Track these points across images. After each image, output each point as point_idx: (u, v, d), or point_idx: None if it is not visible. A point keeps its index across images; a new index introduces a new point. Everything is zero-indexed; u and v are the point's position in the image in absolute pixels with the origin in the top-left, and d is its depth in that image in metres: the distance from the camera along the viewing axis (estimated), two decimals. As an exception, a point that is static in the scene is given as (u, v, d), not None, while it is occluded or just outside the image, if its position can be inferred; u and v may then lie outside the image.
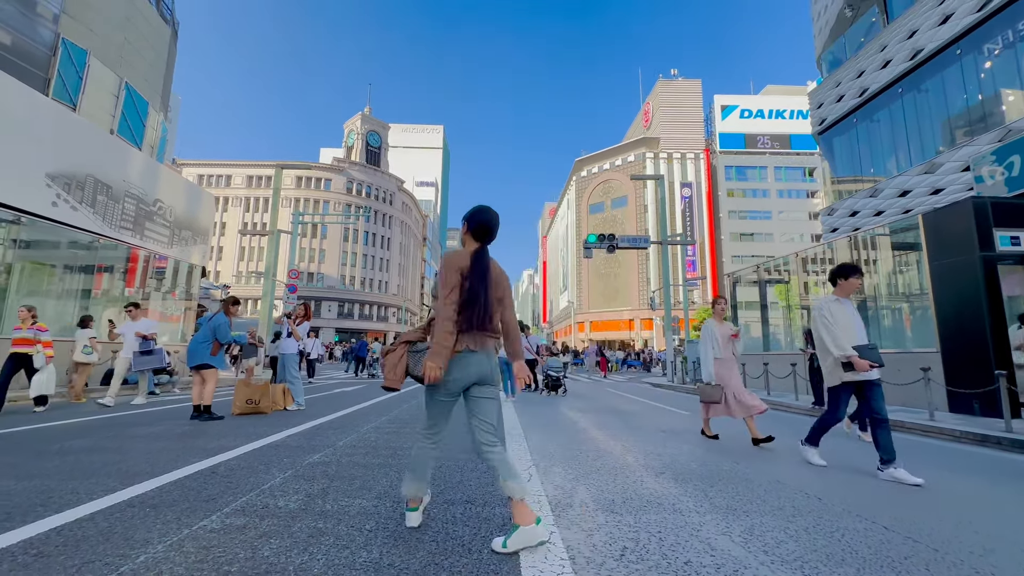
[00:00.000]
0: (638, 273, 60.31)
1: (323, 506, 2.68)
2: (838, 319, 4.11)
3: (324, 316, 55.04)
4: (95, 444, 4.37)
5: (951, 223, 8.33)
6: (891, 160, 17.17)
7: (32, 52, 20.75)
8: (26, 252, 10.95)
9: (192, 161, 59.59)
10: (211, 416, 6.06)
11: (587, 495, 3.09)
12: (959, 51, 14.31)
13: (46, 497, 2.73)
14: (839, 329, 4.06)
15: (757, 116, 62.27)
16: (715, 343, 5.33)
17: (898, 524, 2.63)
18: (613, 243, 18.33)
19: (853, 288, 4.28)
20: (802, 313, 14.01)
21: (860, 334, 4.12)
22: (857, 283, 4.27)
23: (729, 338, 5.36)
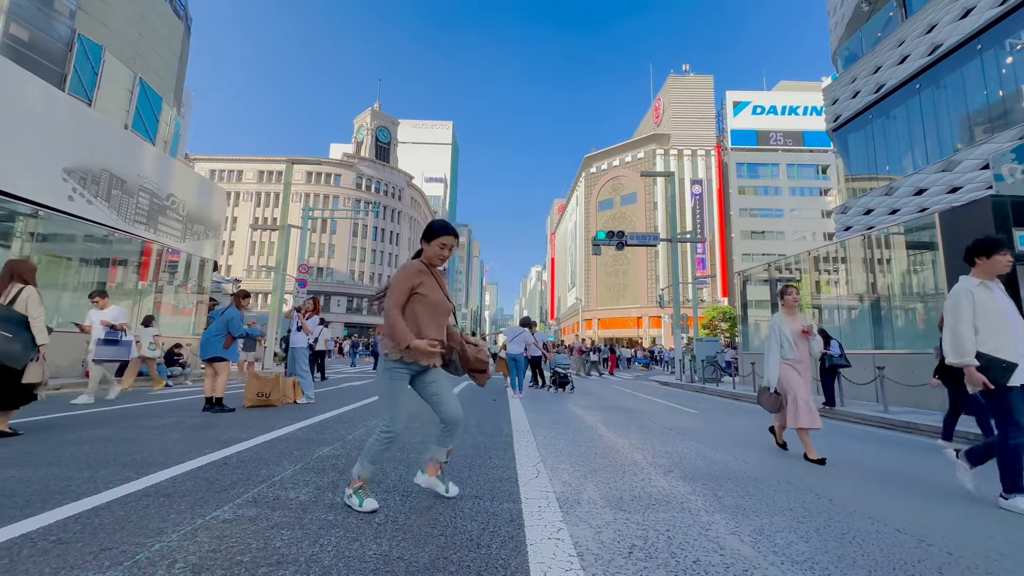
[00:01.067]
0: (647, 270, 59.98)
1: (333, 498, 2.71)
2: (987, 309, 3.06)
3: (333, 311, 55.46)
4: (111, 434, 4.45)
5: (969, 222, 8.18)
6: (907, 157, 16.87)
7: (49, 48, 21.07)
8: (43, 245, 11.16)
9: (204, 156, 60.21)
10: (223, 408, 6.14)
11: (595, 492, 3.09)
12: (979, 46, 14.00)
13: (64, 485, 2.79)
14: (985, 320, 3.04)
15: (770, 112, 61.41)
16: (785, 341, 4.49)
17: (911, 527, 2.60)
18: (622, 240, 18.24)
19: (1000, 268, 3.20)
20: (814, 312, 13.86)
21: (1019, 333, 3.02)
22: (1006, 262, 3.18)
23: (801, 335, 4.51)
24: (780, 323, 4.56)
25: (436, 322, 2.60)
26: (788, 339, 4.47)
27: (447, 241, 2.57)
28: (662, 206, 59.36)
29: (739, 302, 17.28)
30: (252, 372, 7.10)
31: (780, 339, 4.50)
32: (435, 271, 2.63)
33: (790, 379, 4.43)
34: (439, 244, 2.57)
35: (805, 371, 4.47)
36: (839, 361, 8.53)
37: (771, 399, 4.49)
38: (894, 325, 10.94)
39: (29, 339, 4.30)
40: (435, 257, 2.59)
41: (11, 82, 9.96)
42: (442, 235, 2.57)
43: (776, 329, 4.54)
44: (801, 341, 4.50)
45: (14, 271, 4.48)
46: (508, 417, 6.49)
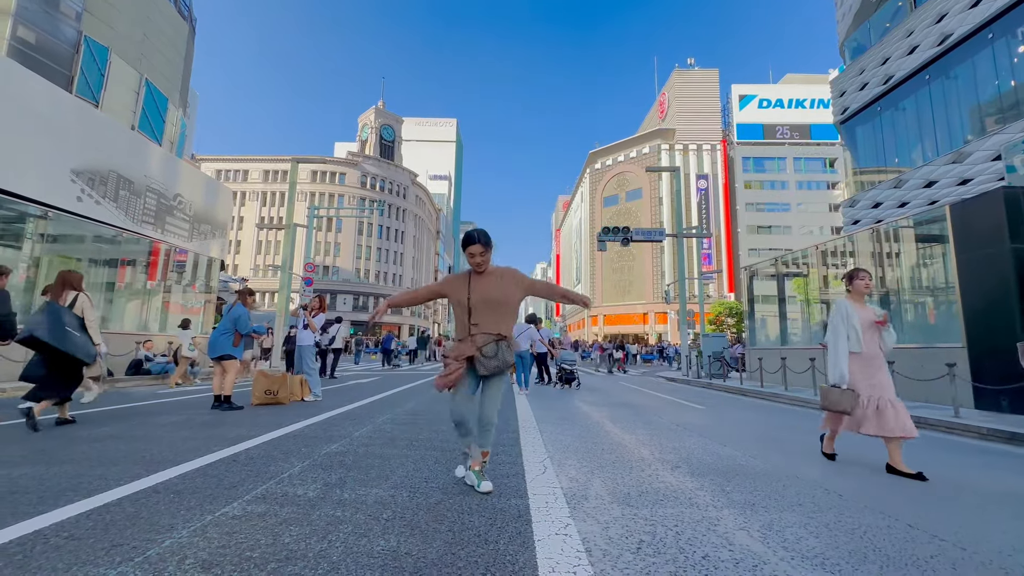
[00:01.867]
0: (652, 266, 59.73)
1: (341, 495, 2.72)
2: None
3: (339, 309, 55.71)
4: (121, 432, 4.49)
5: (980, 214, 8.06)
6: (916, 150, 16.66)
7: (56, 50, 21.25)
8: (53, 246, 11.27)
9: (210, 156, 60.56)
10: (231, 406, 6.19)
11: (602, 488, 3.08)
12: (991, 35, 13.77)
13: (76, 482, 2.82)
14: None
15: (776, 106, 60.82)
16: (853, 332, 3.91)
17: (923, 522, 2.57)
18: (627, 236, 18.17)
19: None
20: (821, 307, 13.74)
21: None
22: None
23: (873, 324, 3.93)
24: (848, 310, 3.92)
25: (462, 320, 2.96)
26: (856, 329, 3.88)
27: (472, 250, 2.90)
28: (667, 201, 59.03)
29: (745, 297, 17.16)
30: (260, 370, 7.15)
31: (848, 328, 3.89)
32: (476, 275, 2.98)
33: (859, 377, 3.86)
34: (468, 254, 2.94)
35: (881, 366, 3.89)
36: (848, 356, 8.45)
37: (845, 397, 3.81)
38: (904, 319, 10.83)
39: (88, 339, 4.88)
40: (472, 264, 2.97)
41: (19, 85, 10.05)
42: (466, 247, 2.93)
43: (844, 317, 3.92)
44: (871, 333, 3.91)
45: (66, 280, 5.00)
46: (514, 413, 6.49)
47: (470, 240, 2.90)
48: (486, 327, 2.88)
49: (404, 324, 61.70)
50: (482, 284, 2.93)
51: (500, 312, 2.93)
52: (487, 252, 2.92)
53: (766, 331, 16.54)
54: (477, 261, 2.91)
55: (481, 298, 2.89)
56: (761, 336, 16.51)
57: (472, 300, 2.88)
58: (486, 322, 2.89)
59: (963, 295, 8.17)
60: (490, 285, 2.93)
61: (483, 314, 2.89)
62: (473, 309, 2.88)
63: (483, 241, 2.90)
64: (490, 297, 2.90)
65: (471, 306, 2.88)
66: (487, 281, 2.94)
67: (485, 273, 2.96)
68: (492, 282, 2.94)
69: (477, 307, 2.88)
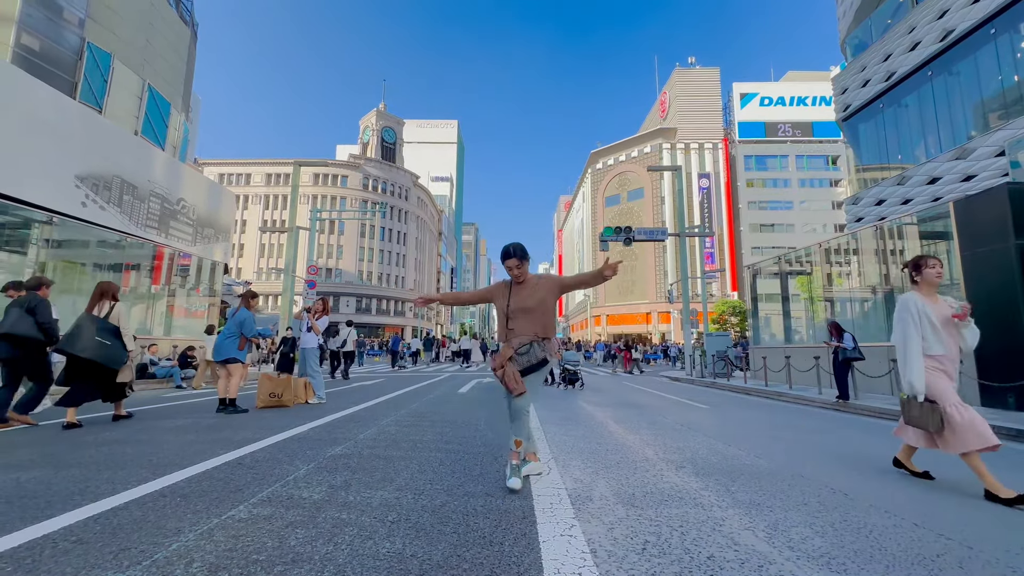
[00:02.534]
0: (655, 266, 59.62)
1: (346, 497, 2.73)
2: None
3: (342, 311, 55.82)
4: (127, 436, 4.52)
5: (985, 211, 8.01)
6: (920, 146, 16.58)
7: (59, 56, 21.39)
8: (58, 251, 11.35)
9: (213, 160, 60.81)
10: (236, 409, 6.21)
11: (607, 488, 3.08)
12: (993, 30, 13.70)
13: (83, 486, 2.84)
14: None
15: (778, 104, 60.64)
16: (927, 330, 3.26)
17: (929, 521, 2.56)
18: (630, 236, 18.12)
19: None
20: (825, 305, 13.69)
21: None
22: None
23: (949, 320, 3.26)
24: (920, 305, 3.28)
25: (501, 324, 3.24)
26: (930, 326, 3.24)
27: (509, 263, 3.19)
28: (669, 200, 58.92)
29: (749, 296, 17.11)
30: (264, 373, 7.17)
31: (919, 326, 3.24)
32: (516, 285, 3.25)
33: (940, 384, 3.19)
34: (506, 267, 3.21)
35: (954, 371, 3.26)
36: (853, 354, 8.42)
37: (927, 414, 3.18)
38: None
39: (122, 345, 5.29)
40: (511, 276, 3.23)
41: (24, 91, 10.12)
42: (504, 260, 3.20)
43: (915, 313, 3.26)
44: (949, 330, 3.26)
45: (104, 291, 5.38)
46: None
47: (507, 254, 3.19)
48: (521, 331, 3.14)
49: (407, 325, 61.79)
50: (520, 293, 3.20)
51: (534, 317, 3.17)
52: (523, 264, 3.18)
53: (770, 329, 16.50)
54: (515, 273, 3.19)
55: (518, 307, 3.17)
56: (765, 335, 16.47)
57: (510, 308, 3.18)
58: (521, 327, 3.15)
59: (968, 292, 8.13)
60: (526, 294, 3.19)
61: (519, 320, 3.16)
62: (511, 316, 3.18)
63: (518, 255, 3.17)
64: (526, 305, 3.16)
65: (509, 314, 3.18)
66: (524, 290, 3.21)
67: (524, 283, 3.23)
68: (529, 291, 3.20)
69: (514, 314, 3.17)
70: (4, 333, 4.94)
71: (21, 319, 4.99)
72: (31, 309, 5.07)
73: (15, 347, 4.99)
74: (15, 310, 5.05)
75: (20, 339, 4.98)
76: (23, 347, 5.03)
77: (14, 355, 5.01)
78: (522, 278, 3.22)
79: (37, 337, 5.04)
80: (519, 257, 3.17)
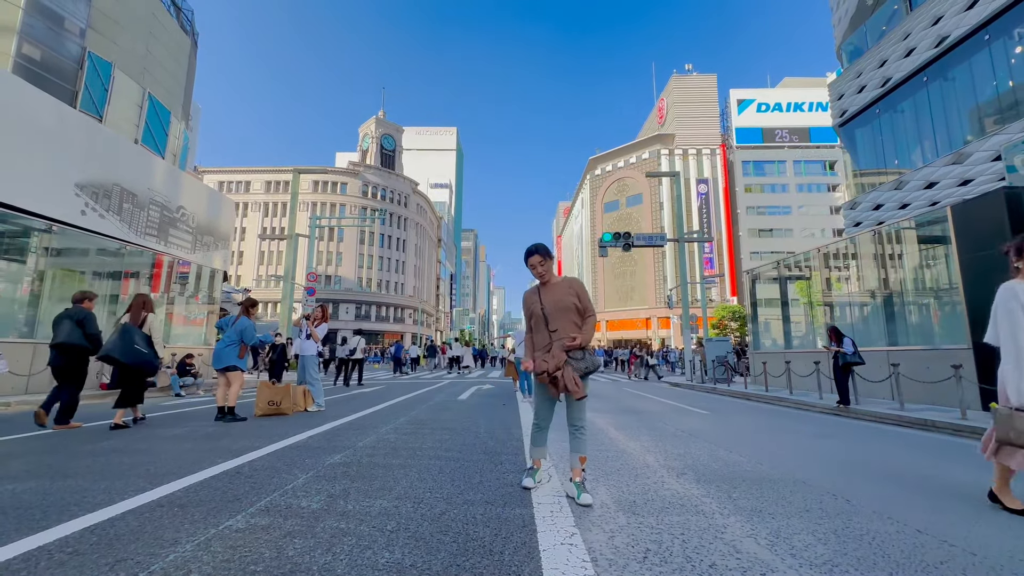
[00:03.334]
0: (654, 271, 59.66)
1: (345, 506, 2.71)
2: None
3: (342, 318, 55.75)
4: (125, 445, 4.49)
5: (982, 215, 8.05)
6: (916, 151, 16.67)
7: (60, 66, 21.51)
8: (57, 260, 11.34)
9: (213, 168, 60.97)
10: (235, 417, 6.18)
11: (607, 496, 3.06)
12: (987, 36, 13.82)
13: (80, 496, 2.82)
14: None
15: (775, 110, 60.95)
16: None
17: (932, 527, 2.54)
18: (629, 241, 18.17)
19: None
20: (825, 310, 13.69)
21: None
22: None
23: None
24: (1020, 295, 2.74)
25: (541, 329, 3.11)
26: None
27: (532, 261, 3.10)
28: (668, 206, 59.07)
29: (748, 301, 17.12)
30: (263, 381, 7.14)
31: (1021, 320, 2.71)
32: (543, 286, 3.16)
33: None
34: (530, 266, 3.11)
35: None
36: (853, 359, 8.41)
37: None
38: (908, 321, 10.78)
39: (154, 352, 5.77)
40: (536, 276, 3.15)
41: (24, 101, 10.17)
42: (527, 259, 3.13)
43: (1014, 308, 2.75)
44: None
45: (144, 303, 5.92)
46: (518, 422, 6.47)
47: (531, 252, 3.12)
48: (564, 331, 3.01)
49: (407, 332, 61.71)
50: (553, 292, 3.10)
51: (572, 315, 3.06)
52: (546, 262, 3.09)
53: (770, 334, 16.48)
54: (539, 272, 3.11)
55: (556, 306, 3.04)
56: (766, 340, 16.45)
57: (547, 309, 3.05)
58: (563, 326, 3.02)
59: (967, 296, 8.14)
60: (561, 292, 3.10)
61: (558, 319, 3.03)
62: (549, 316, 3.03)
63: (541, 252, 3.11)
64: (564, 304, 3.04)
65: (547, 313, 3.04)
66: (557, 289, 3.12)
67: (551, 283, 3.14)
68: (560, 289, 3.11)
69: (552, 314, 3.03)
70: (59, 343, 5.43)
71: (73, 330, 5.49)
72: (80, 321, 5.57)
73: (64, 356, 5.49)
74: (67, 322, 5.52)
75: (71, 348, 5.47)
76: (72, 355, 5.53)
77: (61, 363, 5.50)
78: (547, 277, 3.13)
79: (86, 346, 5.54)
80: (543, 255, 3.11)
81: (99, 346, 5.60)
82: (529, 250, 3.14)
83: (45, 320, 10.29)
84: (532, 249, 3.13)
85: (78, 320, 5.54)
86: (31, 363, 9.07)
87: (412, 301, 64.84)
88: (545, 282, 3.14)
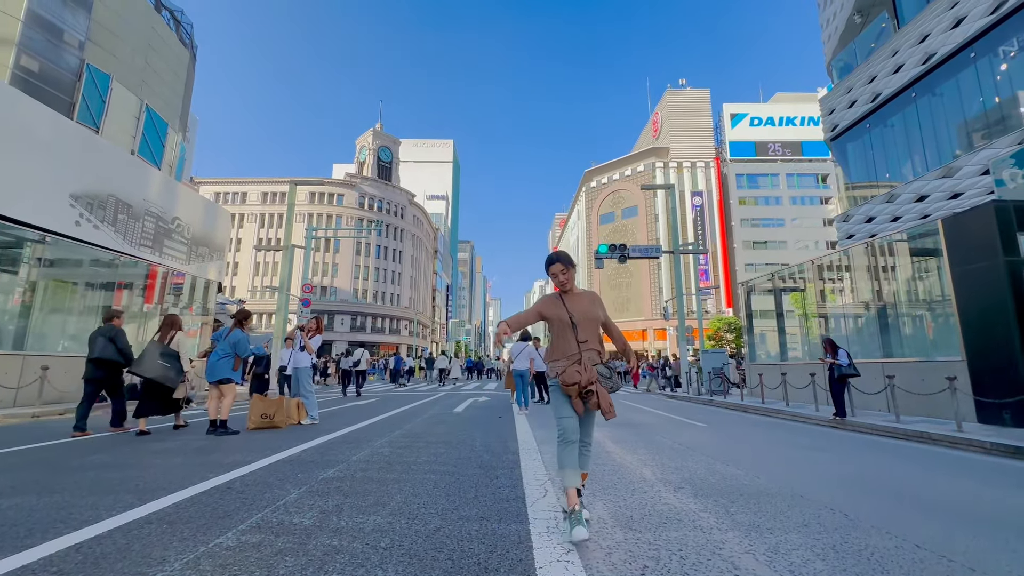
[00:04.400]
0: (650, 283, 59.87)
1: (338, 523, 2.67)
2: None
3: (337, 329, 55.45)
4: (114, 460, 4.41)
5: (973, 228, 8.14)
6: (907, 165, 16.91)
7: (58, 77, 21.59)
8: (49, 270, 11.25)
9: (209, 179, 61.00)
10: (227, 431, 6.10)
11: (604, 511, 3.03)
12: (973, 54, 14.12)
13: (66, 513, 2.76)
14: None
15: (767, 124, 61.86)
16: None
17: (931, 542, 2.53)
18: (624, 253, 18.24)
19: None
20: (819, 321, 13.75)
21: None
22: None
23: None
24: None
25: (566, 338, 2.90)
26: None
27: (553, 270, 2.98)
28: (663, 218, 59.53)
29: (744, 312, 17.17)
30: (256, 394, 7.06)
31: None
32: (566, 295, 2.99)
33: None
34: (551, 275, 3.00)
35: None
36: (848, 370, 8.42)
37: None
38: (902, 333, 10.83)
39: (180, 368, 6.28)
40: (557, 284, 3.01)
41: (20, 112, 10.18)
42: (548, 267, 3.01)
43: None
44: None
45: (173, 322, 6.50)
46: (514, 435, 6.42)
47: (552, 260, 3.01)
48: (592, 344, 2.89)
49: (402, 343, 61.37)
50: (579, 302, 2.96)
51: (596, 329, 2.96)
52: (568, 270, 2.96)
53: (766, 346, 16.51)
54: (561, 280, 2.97)
55: (584, 316, 2.90)
56: (761, 352, 16.47)
57: (575, 318, 2.89)
58: (592, 339, 2.91)
59: (960, 308, 8.20)
60: (586, 302, 2.97)
61: (587, 330, 2.90)
62: (578, 325, 2.88)
63: (564, 260, 2.99)
64: (591, 314, 2.92)
65: (575, 322, 2.88)
66: (582, 299, 2.98)
67: (574, 293, 3.00)
68: (585, 300, 2.99)
69: (582, 323, 2.88)
70: (95, 358, 6.10)
71: (106, 346, 6.16)
72: (112, 338, 6.22)
73: (100, 369, 6.18)
74: (101, 339, 6.18)
75: (105, 362, 6.16)
76: (107, 369, 6.23)
77: (99, 376, 6.20)
78: (569, 286, 2.98)
79: (118, 360, 6.23)
80: (565, 263, 2.98)
81: (129, 360, 6.24)
82: (550, 258, 3.03)
83: (36, 332, 10.17)
84: (554, 257, 3.02)
85: (110, 337, 6.22)
86: (19, 376, 8.93)
87: (408, 312, 64.63)
88: (567, 290, 3.00)
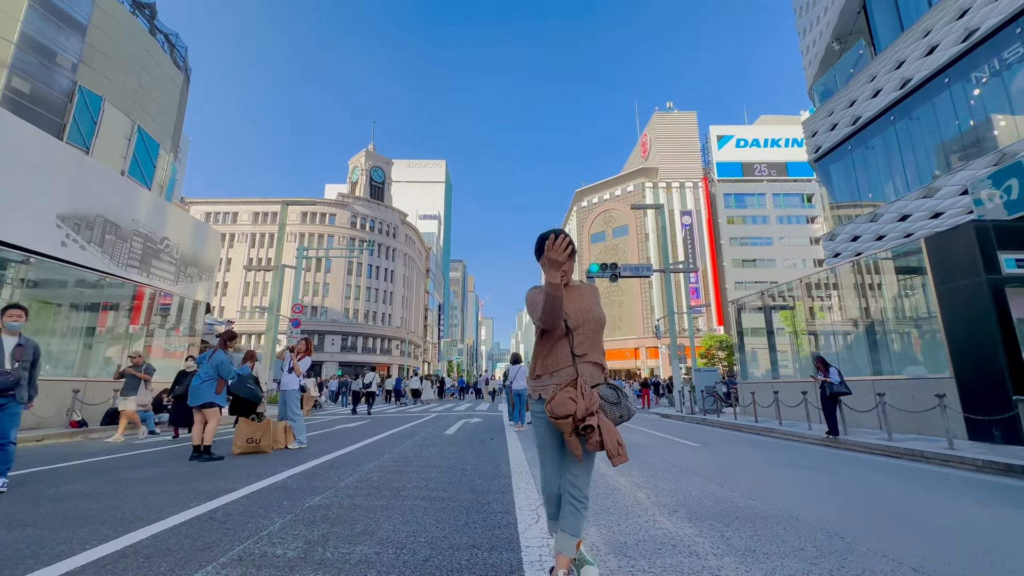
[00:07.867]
0: (641, 301, 60.15)
1: (323, 554, 2.57)
2: None
3: (327, 350, 54.77)
4: (92, 489, 4.25)
5: (954, 247, 8.31)
6: (888, 185, 17.33)
7: (49, 98, 21.61)
8: (33, 291, 11.04)
9: (200, 199, 60.80)
10: (211, 456, 5.93)
11: (598, 537, 2.96)
12: (947, 80, 14.66)
13: (37, 548, 2.63)
14: None
15: (753, 145, 63.42)
16: None
17: (927, 564, 2.49)
18: (615, 272, 18.34)
19: None
20: (810, 339, 13.84)
21: None
22: None
23: None
24: None
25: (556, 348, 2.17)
26: None
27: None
28: (653, 237, 60.16)
29: (735, 330, 17.25)
30: (242, 418, 6.90)
31: None
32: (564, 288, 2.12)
33: None
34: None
35: None
36: (840, 388, 8.44)
37: None
38: (891, 350, 10.93)
39: (260, 389, 7.46)
40: None
41: (7, 132, 10.12)
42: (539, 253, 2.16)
43: None
44: None
45: (250, 356, 7.92)
46: (507, 457, 6.31)
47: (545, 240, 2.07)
48: (593, 356, 2.15)
49: (394, 364, 60.71)
50: (580, 300, 2.21)
51: (599, 337, 2.20)
52: (567, 261, 2.04)
53: (757, 364, 16.55)
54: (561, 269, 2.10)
55: (583, 317, 2.14)
56: (753, 370, 16.50)
57: (572, 320, 2.11)
58: (592, 350, 2.15)
59: (946, 326, 8.30)
60: (587, 299, 2.22)
61: (586, 336, 2.14)
62: (575, 330, 2.11)
63: None
64: (592, 314, 2.17)
65: (572, 326, 2.11)
66: (580, 295, 2.23)
67: (572, 286, 2.25)
68: (585, 295, 2.24)
69: (580, 327, 2.12)
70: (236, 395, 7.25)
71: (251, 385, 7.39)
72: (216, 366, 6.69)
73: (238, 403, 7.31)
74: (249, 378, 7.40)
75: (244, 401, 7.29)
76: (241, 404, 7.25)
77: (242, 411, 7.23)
78: (567, 279, 2.14)
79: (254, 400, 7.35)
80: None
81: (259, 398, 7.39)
82: (543, 237, 2.12)
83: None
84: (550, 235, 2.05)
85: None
86: None
87: (399, 332, 64.13)
88: (565, 283, 2.11)
